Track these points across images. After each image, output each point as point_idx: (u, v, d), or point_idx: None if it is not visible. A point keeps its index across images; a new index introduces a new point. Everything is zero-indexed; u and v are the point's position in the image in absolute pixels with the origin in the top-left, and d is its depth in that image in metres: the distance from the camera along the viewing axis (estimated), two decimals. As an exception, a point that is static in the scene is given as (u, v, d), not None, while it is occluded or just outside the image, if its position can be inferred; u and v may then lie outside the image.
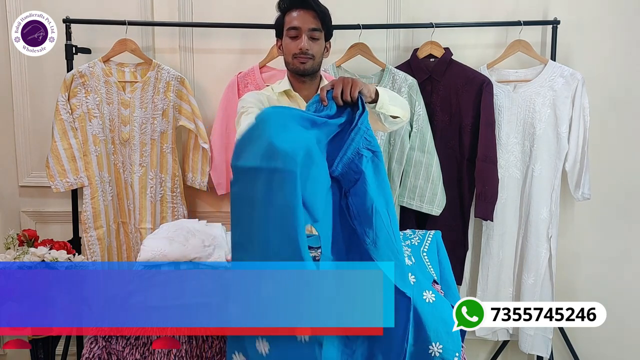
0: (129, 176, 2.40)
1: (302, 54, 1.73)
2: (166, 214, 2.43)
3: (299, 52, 1.73)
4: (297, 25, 1.73)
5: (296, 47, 1.73)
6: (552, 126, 2.31)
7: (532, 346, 2.39)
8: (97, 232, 2.39)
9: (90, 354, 1.40)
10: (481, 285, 2.41)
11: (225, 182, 2.42)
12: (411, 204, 2.32)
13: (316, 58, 1.77)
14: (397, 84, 2.29)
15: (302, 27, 1.73)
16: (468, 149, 2.32)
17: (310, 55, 1.74)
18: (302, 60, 1.74)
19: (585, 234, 2.52)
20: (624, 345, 2.58)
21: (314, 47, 1.75)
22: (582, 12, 2.40)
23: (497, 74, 2.37)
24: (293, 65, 1.77)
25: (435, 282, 1.46)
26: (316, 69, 1.80)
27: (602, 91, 2.41)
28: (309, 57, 1.74)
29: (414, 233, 1.66)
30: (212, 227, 1.69)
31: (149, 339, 1.42)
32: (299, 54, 1.73)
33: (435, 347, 1.25)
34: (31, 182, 2.57)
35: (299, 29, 1.73)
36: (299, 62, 1.75)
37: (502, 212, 2.36)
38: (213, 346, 1.42)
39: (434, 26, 2.30)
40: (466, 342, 1.90)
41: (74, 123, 2.34)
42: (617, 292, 2.54)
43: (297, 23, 1.73)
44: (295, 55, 1.74)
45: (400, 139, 2.29)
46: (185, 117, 2.38)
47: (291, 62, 1.77)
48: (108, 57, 2.35)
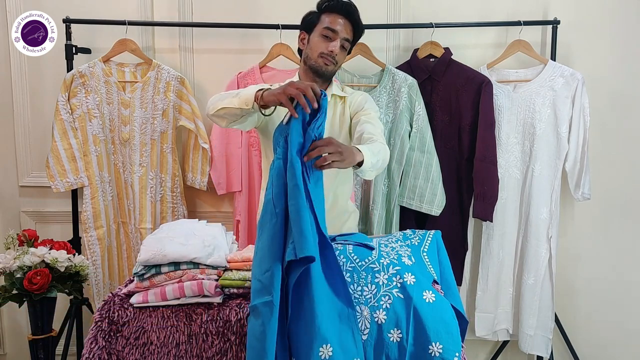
0: (129, 176, 2.40)
1: (329, 55, 1.75)
2: (166, 213, 2.43)
3: (328, 53, 1.74)
4: (336, 29, 1.74)
5: (326, 48, 1.74)
6: (552, 126, 2.31)
7: (532, 346, 2.39)
8: (97, 232, 2.39)
9: (90, 354, 1.40)
10: (481, 285, 2.41)
11: (225, 182, 2.42)
12: (411, 204, 2.32)
13: (338, 65, 1.80)
14: (397, 84, 2.29)
15: (339, 32, 1.74)
16: (468, 148, 2.32)
17: (336, 60, 1.77)
18: (327, 62, 1.76)
19: (585, 234, 2.53)
20: (624, 345, 2.58)
21: (340, 55, 1.79)
22: (582, 12, 2.40)
23: (497, 74, 2.37)
24: (316, 63, 1.77)
25: (435, 282, 1.46)
26: (333, 74, 1.83)
27: (602, 91, 2.41)
28: (334, 62, 1.77)
29: (414, 233, 1.66)
30: (212, 227, 1.69)
31: (149, 339, 1.42)
32: (327, 55, 1.75)
33: (435, 347, 1.25)
34: (31, 182, 2.58)
35: (336, 32, 1.74)
36: (324, 62, 1.76)
37: (502, 212, 2.36)
38: (213, 346, 1.42)
39: (434, 26, 2.30)
40: (466, 342, 1.90)
41: (74, 123, 2.34)
42: (617, 292, 2.54)
43: (336, 27, 1.74)
44: (322, 55, 1.75)
45: (400, 139, 2.29)
46: (186, 117, 2.38)
47: (315, 59, 1.76)
48: (108, 57, 2.35)
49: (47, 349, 2.08)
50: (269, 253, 1.28)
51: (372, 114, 1.78)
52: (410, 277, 1.35)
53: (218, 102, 1.60)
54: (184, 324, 1.42)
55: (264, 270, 1.27)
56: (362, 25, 1.81)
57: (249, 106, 1.50)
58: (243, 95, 1.51)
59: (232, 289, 1.46)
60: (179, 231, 1.59)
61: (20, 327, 2.68)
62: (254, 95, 1.47)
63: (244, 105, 1.51)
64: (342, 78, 2.35)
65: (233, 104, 1.53)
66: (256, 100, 1.47)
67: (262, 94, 1.45)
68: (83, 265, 2.08)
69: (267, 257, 1.28)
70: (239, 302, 1.45)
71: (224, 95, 1.61)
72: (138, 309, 1.44)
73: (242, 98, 1.51)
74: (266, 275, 1.26)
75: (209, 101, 1.66)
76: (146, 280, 1.45)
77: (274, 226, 1.28)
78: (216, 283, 1.45)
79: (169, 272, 1.46)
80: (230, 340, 1.41)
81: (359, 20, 1.79)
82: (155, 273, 1.45)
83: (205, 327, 1.42)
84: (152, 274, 1.45)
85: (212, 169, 2.41)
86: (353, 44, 1.84)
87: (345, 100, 1.85)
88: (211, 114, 1.63)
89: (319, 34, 1.76)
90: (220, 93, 1.66)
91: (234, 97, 1.55)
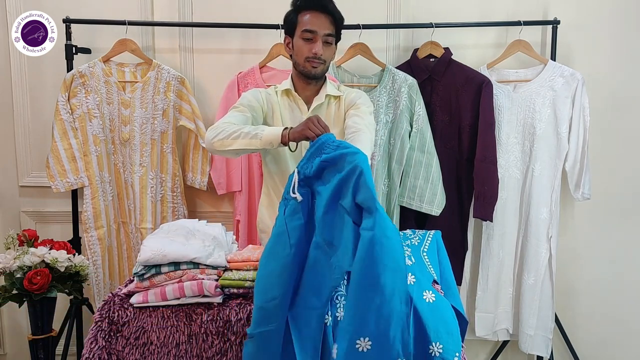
0: (129, 176, 2.40)
1: (315, 58, 1.71)
2: (166, 213, 2.43)
3: (312, 56, 1.71)
4: (314, 29, 1.70)
5: (310, 51, 1.71)
6: (552, 126, 2.31)
7: (532, 346, 2.39)
8: (98, 232, 2.39)
9: (90, 354, 1.40)
10: (481, 285, 2.41)
11: (225, 181, 2.42)
12: (411, 204, 2.31)
13: (327, 63, 1.77)
14: (397, 84, 2.29)
15: (318, 31, 1.70)
16: (467, 149, 2.32)
17: (323, 60, 1.73)
18: (315, 65, 1.73)
19: (585, 234, 2.52)
20: (624, 345, 2.58)
21: (327, 52, 1.74)
22: (582, 12, 2.40)
23: (497, 74, 2.37)
24: (304, 68, 1.75)
25: (435, 282, 1.46)
26: (325, 73, 1.80)
27: (602, 91, 2.41)
28: (321, 62, 1.73)
29: (414, 233, 1.66)
30: (212, 227, 1.69)
31: (149, 339, 1.42)
32: (313, 58, 1.71)
33: (435, 347, 1.25)
34: (31, 182, 2.58)
35: (315, 32, 1.70)
36: (310, 65, 1.73)
37: (502, 212, 2.36)
38: (213, 346, 1.42)
39: (434, 26, 2.30)
40: (466, 342, 1.90)
41: (74, 123, 2.34)
42: (617, 292, 2.54)
43: (313, 27, 1.70)
44: (307, 59, 1.72)
45: (400, 139, 2.29)
46: (186, 117, 2.38)
47: (303, 64, 1.74)
48: (108, 57, 2.35)
49: (47, 349, 2.08)
50: (278, 281, 1.29)
51: (362, 107, 1.76)
52: (410, 277, 1.35)
53: (228, 142, 1.59)
54: (184, 324, 1.43)
55: (270, 297, 1.28)
56: (340, 14, 1.75)
57: (274, 146, 1.57)
58: (265, 137, 1.56)
59: (232, 289, 1.46)
60: (179, 231, 1.60)
61: (20, 327, 2.68)
62: (281, 136, 1.55)
63: (269, 146, 1.57)
64: (342, 78, 2.35)
65: (254, 146, 1.58)
66: (283, 140, 1.55)
67: (288, 134, 1.55)
68: (83, 265, 2.08)
69: (275, 286, 1.29)
70: (239, 302, 1.45)
71: (232, 134, 1.59)
72: (138, 309, 1.44)
73: (265, 140, 1.56)
74: (272, 303, 1.28)
75: (211, 136, 1.61)
76: (146, 280, 1.45)
77: (287, 256, 1.30)
78: (216, 283, 1.45)
79: (169, 272, 1.46)
80: (230, 340, 1.41)
81: (335, 10, 1.73)
82: (155, 273, 1.45)
83: (205, 327, 1.42)
84: (152, 274, 1.45)
85: (212, 169, 2.41)
86: (338, 34, 1.78)
87: (340, 100, 1.84)
88: (219, 149, 1.61)
89: (300, 37, 1.73)
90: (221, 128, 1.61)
91: (250, 138, 1.57)
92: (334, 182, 1.30)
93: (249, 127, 1.60)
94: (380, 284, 1.17)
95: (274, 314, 1.27)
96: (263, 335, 1.27)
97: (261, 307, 1.29)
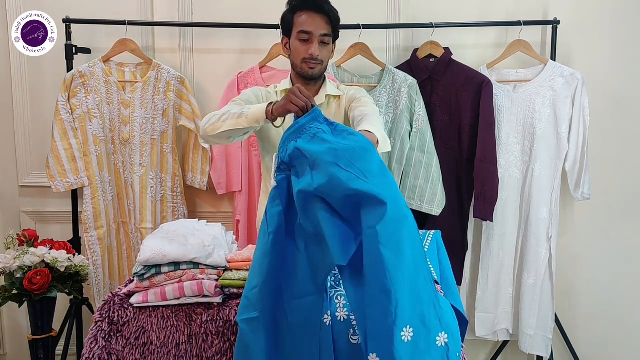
0: (129, 176, 2.40)
1: (312, 59, 1.71)
2: (167, 213, 2.43)
3: (309, 57, 1.70)
4: (310, 30, 1.69)
5: (306, 52, 1.70)
6: (552, 126, 2.31)
7: (532, 346, 2.39)
8: (98, 232, 2.39)
9: (90, 354, 1.40)
10: (481, 285, 2.41)
11: (225, 181, 2.42)
12: (411, 204, 2.31)
13: (325, 63, 1.76)
14: (397, 84, 2.29)
15: (314, 32, 1.69)
16: (467, 148, 2.32)
17: (320, 61, 1.73)
18: (312, 66, 1.72)
19: (585, 234, 2.52)
20: (624, 345, 2.58)
21: (324, 52, 1.73)
22: (582, 12, 2.40)
23: (497, 74, 2.37)
24: (302, 69, 1.74)
25: (436, 282, 1.46)
26: (323, 73, 1.79)
27: (602, 91, 2.41)
28: (318, 63, 1.73)
29: (414, 233, 1.66)
30: (212, 227, 1.69)
31: (149, 339, 1.42)
32: (309, 59, 1.71)
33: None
34: (31, 182, 2.58)
35: (310, 33, 1.69)
36: (308, 67, 1.72)
37: (502, 212, 2.36)
38: (213, 346, 1.42)
39: (434, 26, 2.30)
40: (466, 342, 1.90)
41: (74, 123, 2.34)
42: (617, 292, 2.54)
43: (309, 28, 1.69)
44: (305, 60, 1.72)
45: (400, 139, 2.29)
46: (186, 117, 2.38)
47: (300, 65, 1.74)
48: (108, 57, 2.35)
49: (47, 349, 2.08)
50: (259, 270, 1.30)
51: (363, 99, 1.75)
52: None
53: (218, 125, 1.59)
54: (184, 324, 1.42)
55: (251, 286, 1.30)
56: (335, 14, 1.73)
57: (260, 124, 1.54)
58: (251, 115, 1.54)
59: (232, 289, 1.46)
60: (179, 231, 1.59)
61: (20, 327, 2.68)
62: (265, 112, 1.52)
63: (255, 124, 1.55)
64: (342, 78, 2.35)
65: (241, 125, 1.56)
66: (267, 117, 1.52)
67: (272, 110, 1.50)
68: (83, 265, 2.08)
69: (256, 274, 1.30)
70: (239, 302, 1.44)
71: (222, 117, 1.60)
72: (138, 309, 1.44)
73: (251, 117, 1.54)
74: (253, 292, 1.29)
75: (204, 123, 1.63)
76: (146, 280, 1.45)
77: (266, 244, 1.30)
78: (216, 283, 1.45)
79: (169, 272, 1.46)
80: (230, 340, 1.41)
81: (331, 9, 1.72)
82: (155, 273, 1.45)
83: (205, 327, 1.42)
84: (152, 274, 1.45)
85: (212, 169, 2.41)
86: (335, 34, 1.77)
87: (340, 99, 1.84)
88: (211, 135, 1.61)
89: (296, 39, 1.72)
90: (213, 114, 1.63)
91: (237, 117, 1.56)
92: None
93: (236, 108, 1.60)
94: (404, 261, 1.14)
95: (254, 302, 1.28)
96: (246, 323, 1.28)
97: (245, 296, 1.31)
